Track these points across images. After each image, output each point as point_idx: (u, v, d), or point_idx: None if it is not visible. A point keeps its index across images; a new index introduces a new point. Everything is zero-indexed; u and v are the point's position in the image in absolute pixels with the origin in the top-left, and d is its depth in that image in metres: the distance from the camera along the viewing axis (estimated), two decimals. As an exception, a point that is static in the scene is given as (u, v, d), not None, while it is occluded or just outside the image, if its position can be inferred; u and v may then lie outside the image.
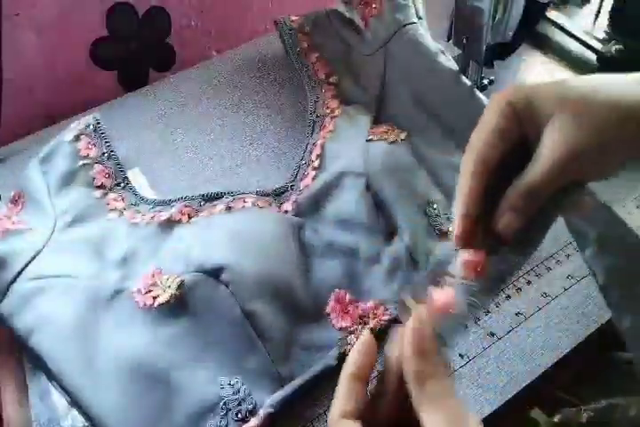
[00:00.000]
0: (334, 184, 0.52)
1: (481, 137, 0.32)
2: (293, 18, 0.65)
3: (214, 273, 0.44)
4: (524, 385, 0.43)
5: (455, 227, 0.33)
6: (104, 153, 0.57)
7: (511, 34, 0.50)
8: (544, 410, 0.48)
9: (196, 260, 0.45)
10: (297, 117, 0.64)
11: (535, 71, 0.67)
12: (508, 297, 0.49)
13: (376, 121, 0.58)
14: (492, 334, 0.46)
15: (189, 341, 0.43)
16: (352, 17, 0.64)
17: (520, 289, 0.49)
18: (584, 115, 0.30)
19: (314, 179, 0.54)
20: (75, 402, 0.42)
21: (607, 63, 0.66)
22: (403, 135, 0.55)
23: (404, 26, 0.59)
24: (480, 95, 0.54)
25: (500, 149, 0.32)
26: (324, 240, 0.50)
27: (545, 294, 0.49)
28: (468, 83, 0.55)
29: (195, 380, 0.42)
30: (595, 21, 0.71)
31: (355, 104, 0.60)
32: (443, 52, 0.58)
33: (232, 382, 0.42)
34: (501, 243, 0.32)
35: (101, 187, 0.55)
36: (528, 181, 0.31)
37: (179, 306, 0.44)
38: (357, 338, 0.39)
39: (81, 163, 0.56)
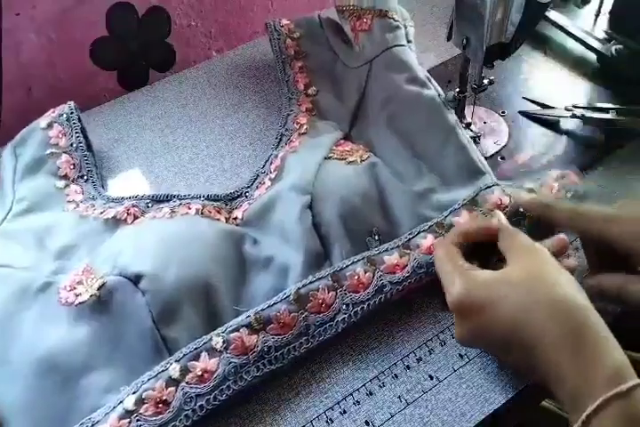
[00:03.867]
0: (281, 198, 0.50)
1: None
2: (284, 22, 0.64)
3: (134, 279, 0.44)
4: (524, 385, 0.43)
5: None
6: (72, 143, 0.57)
7: (511, 34, 0.50)
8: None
9: (121, 263, 0.45)
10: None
11: (535, 71, 0.67)
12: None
13: (347, 137, 0.58)
14: (492, 334, 0.46)
15: (100, 344, 0.43)
16: (344, 27, 0.63)
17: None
18: None
19: (267, 189, 0.53)
20: None
21: (607, 63, 0.66)
22: (365, 156, 0.53)
23: (393, 47, 0.58)
24: (460, 131, 0.53)
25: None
26: (263, 254, 0.48)
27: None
28: (452, 117, 0.54)
29: (98, 385, 0.41)
30: (595, 21, 0.71)
31: (327, 120, 0.59)
32: (429, 79, 0.57)
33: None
34: None
35: (65, 177, 0.56)
36: None
37: (96, 307, 0.43)
38: None
39: (49, 151, 0.56)
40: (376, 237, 0.48)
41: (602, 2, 0.70)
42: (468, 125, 0.60)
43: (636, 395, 0.33)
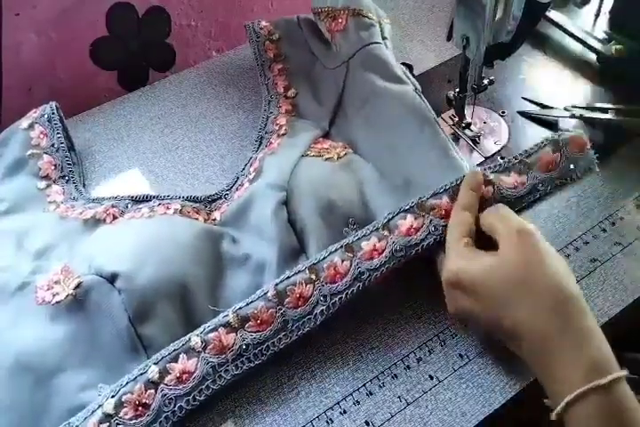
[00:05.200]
0: (257, 196, 0.50)
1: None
2: (264, 24, 0.65)
3: (110, 279, 0.44)
4: (524, 385, 0.43)
5: None
6: (53, 144, 0.58)
7: (511, 34, 0.50)
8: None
9: (97, 263, 0.45)
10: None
11: (535, 71, 0.67)
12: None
13: (327, 135, 0.58)
14: (492, 334, 0.46)
15: (77, 343, 0.43)
16: (321, 28, 0.63)
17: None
18: None
19: (245, 190, 0.53)
20: None
21: (607, 63, 0.66)
22: (343, 153, 0.53)
23: (368, 45, 0.58)
24: (435, 126, 0.52)
25: None
26: (241, 252, 0.49)
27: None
28: (428, 109, 0.53)
29: (75, 383, 0.42)
30: (595, 21, 0.71)
31: (306, 120, 0.60)
32: (406, 74, 0.57)
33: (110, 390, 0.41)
34: None
35: (47, 177, 0.56)
36: None
37: (73, 307, 0.44)
38: None
39: (30, 152, 0.56)
40: (352, 227, 0.48)
41: (602, 2, 0.70)
42: (468, 125, 0.60)
43: (613, 388, 0.33)
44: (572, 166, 0.48)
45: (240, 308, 0.43)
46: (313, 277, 0.44)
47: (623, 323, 0.47)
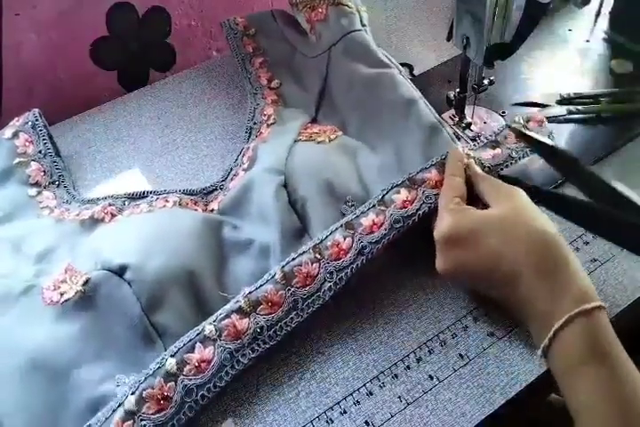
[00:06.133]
0: (255, 181, 0.51)
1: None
2: (239, 19, 0.66)
3: (119, 272, 0.44)
4: (524, 385, 0.43)
5: None
6: (40, 150, 0.58)
7: (511, 34, 0.50)
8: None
9: (104, 258, 0.45)
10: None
11: (535, 71, 0.67)
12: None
13: (314, 120, 0.59)
14: (492, 334, 0.46)
15: (90, 338, 0.43)
16: (298, 19, 0.64)
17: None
18: None
19: (242, 178, 0.54)
20: None
21: (607, 63, 0.66)
22: (333, 136, 0.55)
23: (350, 33, 0.59)
24: (420, 104, 0.53)
25: None
26: (243, 237, 0.50)
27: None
28: (413, 89, 0.55)
29: (92, 377, 0.42)
30: (595, 21, 0.71)
31: (293, 108, 0.61)
32: (389, 59, 0.58)
33: (128, 380, 0.42)
34: None
35: (37, 184, 0.56)
36: None
37: (83, 303, 0.44)
38: None
39: (17, 160, 0.57)
40: (350, 204, 0.49)
41: (602, 2, 0.70)
42: (468, 125, 0.60)
43: (597, 314, 0.37)
44: (535, 135, 0.50)
45: (250, 292, 0.43)
46: (318, 256, 0.45)
47: (623, 323, 0.47)
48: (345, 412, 0.43)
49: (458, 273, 0.44)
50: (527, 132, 0.49)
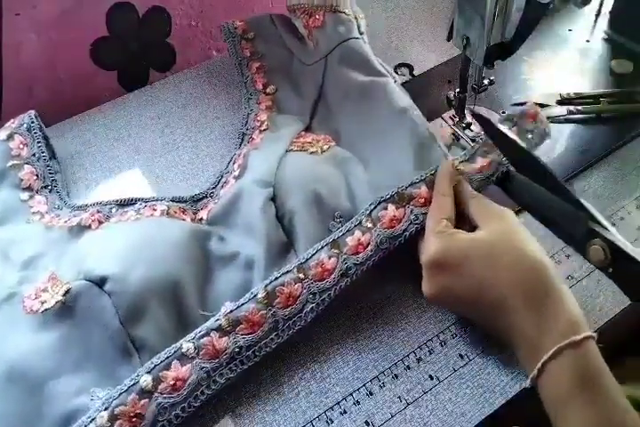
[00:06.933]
0: (244, 193, 0.51)
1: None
2: (238, 23, 0.65)
3: (100, 283, 0.44)
4: (524, 385, 0.43)
5: None
6: (34, 153, 0.57)
7: (511, 34, 0.50)
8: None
9: (86, 268, 0.45)
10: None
11: (535, 71, 0.67)
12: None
13: (308, 128, 0.58)
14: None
15: (69, 349, 0.43)
16: (296, 24, 0.64)
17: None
18: None
19: (231, 187, 0.53)
20: None
21: (607, 63, 0.66)
22: (326, 146, 0.54)
23: (346, 40, 0.59)
24: (414, 114, 0.53)
25: None
26: (229, 250, 0.49)
27: (545, 294, 0.49)
28: (406, 99, 0.55)
29: (68, 389, 0.41)
30: (595, 21, 0.71)
31: (287, 115, 0.60)
32: (385, 67, 0.58)
33: (102, 394, 0.41)
34: None
35: (29, 188, 0.56)
36: None
37: (62, 313, 0.43)
38: None
39: (11, 163, 0.56)
40: (338, 220, 0.49)
41: (602, 2, 0.70)
42: (468, 126, 0.60)
43: (586, 345, 0.36)
44: (529, 136, 0.49)
45: (231, 311, 0.43)
46: (301, 275, 0.44)
47: (623, 323, 0.47)
48: (345, 412, 0.43)
49: (444, 298, 0.43)
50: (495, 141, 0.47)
